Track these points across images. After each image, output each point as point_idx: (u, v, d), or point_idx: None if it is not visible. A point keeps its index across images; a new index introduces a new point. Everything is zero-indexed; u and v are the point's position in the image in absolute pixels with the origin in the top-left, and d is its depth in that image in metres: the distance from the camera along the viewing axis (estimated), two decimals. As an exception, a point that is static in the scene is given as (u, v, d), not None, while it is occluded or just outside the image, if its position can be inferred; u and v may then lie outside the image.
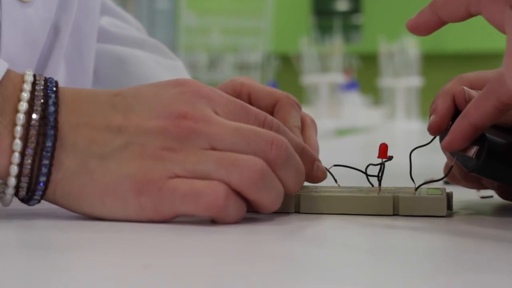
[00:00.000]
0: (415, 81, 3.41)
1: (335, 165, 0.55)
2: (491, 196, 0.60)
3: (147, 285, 0.33)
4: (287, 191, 0.48)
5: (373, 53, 3.90)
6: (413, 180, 0.53)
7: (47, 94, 0.47)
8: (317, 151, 0.59)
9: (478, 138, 0.50)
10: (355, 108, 3.72)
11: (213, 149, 0.46)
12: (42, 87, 0.48)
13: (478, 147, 0.50)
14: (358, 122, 3.50)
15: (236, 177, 0.46)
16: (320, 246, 0.43)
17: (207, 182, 0.46)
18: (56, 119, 0.47)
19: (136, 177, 0.46)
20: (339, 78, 3.63)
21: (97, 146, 0.47)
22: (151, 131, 0.47)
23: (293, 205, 0.52)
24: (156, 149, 0.46)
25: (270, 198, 0.47)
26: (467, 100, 0.51)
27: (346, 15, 5.30)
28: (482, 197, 0.60)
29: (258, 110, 0.50)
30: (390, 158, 0.51)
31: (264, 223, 0.48)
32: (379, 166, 0.52)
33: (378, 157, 0.52)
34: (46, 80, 0.48)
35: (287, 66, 4.36)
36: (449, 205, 0.52)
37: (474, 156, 0.50)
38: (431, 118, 0.52)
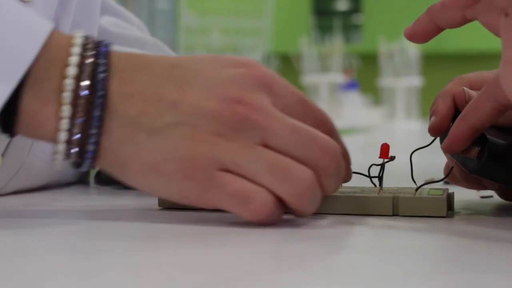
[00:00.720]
0: (415, 81, 3.41)
1: None
2: (491, 196, 0.60)
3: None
4: (325, 194, 0.48)
5: (373, 53, 3.90)
6: (414, 181, 0.53)
7: (97, 59, 0.46)
8: None
9: (479, 139, 0.50)
10: (355, 108, 3.71)
11: (265, 145, 0.45)
12: (93, 52, 0.46)
13: (479, 149, 0.50)
14: (358, 122, 3.50)
15: (285, 189, 0.45)
16: (320, 246, 0.43)
17: (257, 188, 0.45)
18: (106, 87, 0.46)
19: (183, 161, 0.45)
20: (339, 78, 3.63)
21: (147, 118, 0.46)
22: (205, 113, 0.46)
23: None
24: (208, 134, 0.45)
25: (311, 209, 0.47)
26: (468, 100, 0.51)
27: (346, 15, 5.30)
28: (482, 197, 0.60)
29: (317, 108, 0.48)
30: (393, 158, 0.51)
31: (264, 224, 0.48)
32: (380, 166, 0.52)
33: (380, 157, 0.52)
34: (97, 43, 0.47)
35: (287, 66, 4.36)
36: (450, 206, 0.52)
37: (475, 158, 0.50)
38: (431, 119, 0.52)
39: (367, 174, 0.53)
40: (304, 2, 5.35)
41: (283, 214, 0.47)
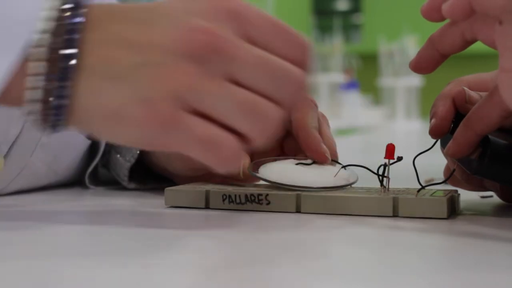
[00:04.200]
0: (415, 81, 3.40)
1: (347, 165, 0.55)
2: (491, 196, 0.60)
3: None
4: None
5: (373, 53, 3.90)
6: (420, 184, 0.53)
7: (72, 24, 0.43)
8: (334, 143, 0.58)
9: (481, 140, 0.50)
10: (355, 108, 3.71)
11: (232, 80, 0.43)
12: (67, 21, 0.43)
13: (481, 149, 0.50)
14: (358, 122, 3.50)
15: (254, 128, 0.44)
16: (320, 245, 0.43)
17: (225, 134, 0.43)
18: (78, 45, 0.43)
19: (144, 103, 0.43)
20: (339, 78, 3.62)
21: (111, 65, 0.43)
22: (168, 49, 0.43)
23: (294, 205, 0.52)
24: (171, 71, 0.43)
25: (269, 142, 0.45)
26: (468, 101, 0.51)
27: (346, 14, 5.30)
28: (482, 197, 0.60)
29: (291, 32, 0.46)
30: (400, 158, 0.51)
31: (265, 223, 0.48)
32: (382, 167, 0.53)
33: (385, 158, 0.52)
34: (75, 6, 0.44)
35: (287, 66, 4.35)
36: (454, 207, 0.52)
37: (477, 159, 0.50)
38: (431, 121, 0.52)
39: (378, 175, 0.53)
40: (304, 2, 5.35)
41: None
